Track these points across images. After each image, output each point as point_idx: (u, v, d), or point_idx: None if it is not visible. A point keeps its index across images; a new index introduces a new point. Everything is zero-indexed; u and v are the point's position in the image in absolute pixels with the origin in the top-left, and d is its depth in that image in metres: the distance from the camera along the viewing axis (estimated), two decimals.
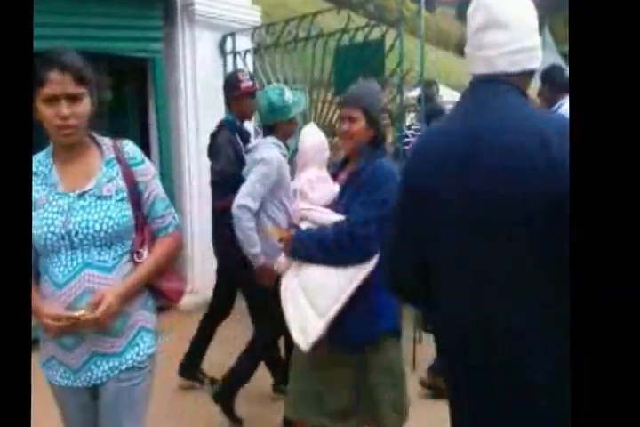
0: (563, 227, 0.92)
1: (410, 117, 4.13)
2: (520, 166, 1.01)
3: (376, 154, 1.80)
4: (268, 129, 2.43)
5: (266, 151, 2.32)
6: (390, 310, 1.80)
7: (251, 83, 2.63)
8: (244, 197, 2.24)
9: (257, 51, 4.12)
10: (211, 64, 4.03)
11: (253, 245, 2.27)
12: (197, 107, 3.95)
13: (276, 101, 2.34)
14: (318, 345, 1.73)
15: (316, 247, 1.74)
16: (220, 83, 2.87)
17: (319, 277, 1.75)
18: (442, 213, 1.11)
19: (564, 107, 3.61)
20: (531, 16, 1.18)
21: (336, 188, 1.85)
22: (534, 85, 2.47)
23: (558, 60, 19.58)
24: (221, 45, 4.08)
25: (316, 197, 1.85)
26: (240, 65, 4.01)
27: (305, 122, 3.79)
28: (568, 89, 3.57)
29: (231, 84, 2.62)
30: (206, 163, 2.75)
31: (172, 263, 1.55)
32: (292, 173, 2.26)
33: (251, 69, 4.15)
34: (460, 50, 27.42)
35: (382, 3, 9.51)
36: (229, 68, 4.01)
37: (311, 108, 3.74)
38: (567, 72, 3.88)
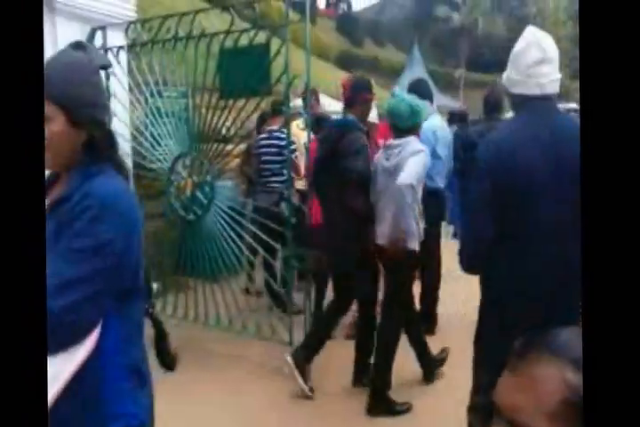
0: None
1: (296, 124, 4.09)
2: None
3: (90, 170, 1.11)
4: (404, 131, 2.76)
5: (419, 146, 2.70)
6: (131, 405, 1.14)
7: None
8: (411, 178, 2.50)
9: (131, 48, 3.80)
10: None
11: (411, 221, 2.55)
12: None
13: (415, 106, 2.74)
14: None
15: None
16: None
17: None
18: (527, 182, 1.55)
19: (428, 119, 3.75)
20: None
21: None
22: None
23: (424, 74, 21.13)
24: (90, 40, 3.70)
25: None
26: (112, 62, 3.65)
27: (188, 127, 3.55)
28: (432, 99, 3.78)
29: (366, 88, 2.87)
30: None
31: None
32: None
33: (125, 67, 3.82)
34: (339, 62, 28.52)
35: (264, 9, 9.45)
36: None
37: (195, 112, 3.52)
38: (430, 85, 4.10)
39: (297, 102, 4.36)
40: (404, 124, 2.77)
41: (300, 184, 3.98)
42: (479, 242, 1.65)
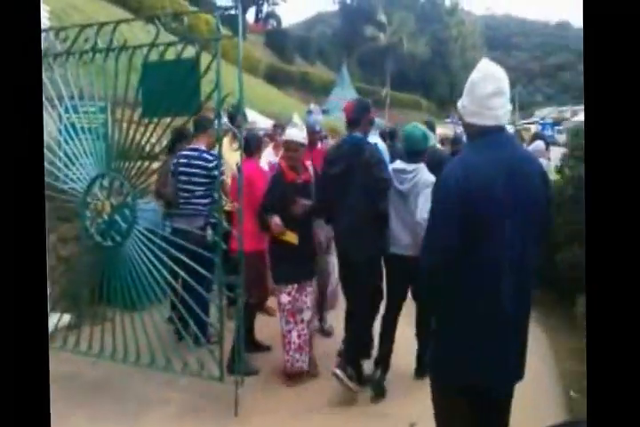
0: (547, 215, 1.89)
1: (227, 144, 3.86)
2: (534, 182, 1.80)
3: None
4: (416, 155, 3.15)
5: (431, 177, 3.01)
6: None
7: None
8: (427, 213, 2.80)
9: (43, 59, 3.46)
10: None
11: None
12: None
13: (426, 132, 3.19)
14: None
15: None
16: None
17: None
18: (492, 208, 1.73)
19: (372, 137, 3.78)
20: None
21: None
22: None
23: (355, 95, 21.63)
24: None
25: None
26: None
27: (107, 144, 3.27)
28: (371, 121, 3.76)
29: (368, 109, 3.28)
30: None
31: None
32: None
33: None
34: (268, 77, 28.52)
35: (193, 22, 9.21)
36: None
37: (114, 128, 3.24)
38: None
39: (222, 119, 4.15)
40: (417, 148, 3.16)
41: (229, 206, 3.72)
42: (445, 252, 1.77)
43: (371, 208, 3.05)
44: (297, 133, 3.34)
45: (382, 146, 3.89)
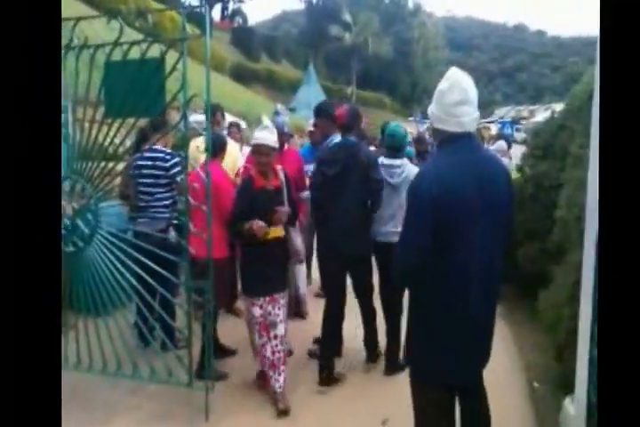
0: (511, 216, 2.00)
1: (196, 146, 3.72)
2: (500, 184, 1.92)
3: None
4: (397, 150, 3.53)
5: (415, 169, 3.36)
6: None
7: None
8: None
9: None
10: None
11: None
12: None
13: (405, 130, 3.62)
14: None
15: None
16: None
17: None
18: (463, 212, 1.82)
19: (335, 140, 3.75)
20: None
21: None
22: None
23: (321, 93, 21.60)
24: None
25: None
26: None
27: (67, 145, 3.15)
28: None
29: (359, 116, 3.51)
30: None
31: None
32: None
33: None
34: (234, 75, 28.22)
35: (158, 20, 9.01)
36: None
37: (75, 128, 3.13)
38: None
39: (198, 117, 4.03)
40: (399, 144, 3.54)
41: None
42: (421, 251, 1.84)
43: (365, 208, 3.33)
44: (268, 136, 3.03)
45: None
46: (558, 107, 5.60)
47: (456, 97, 1.85)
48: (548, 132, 5.09)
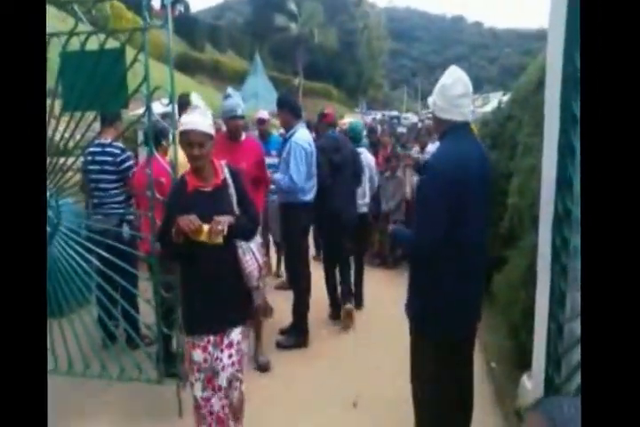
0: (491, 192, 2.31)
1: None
2: (486, 164, 2.24)
3: None
4: (357, 141, 4.88)
5: (370, 156, 5.15)
6: None
7: None
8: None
9: None
10: None
11: None
12: None
13: (363, 124, 4.98)
14: None
15: None
16: None
17: None
18: (470, 188, 2.10)
19: (298, 131, 3.80)
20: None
21: None
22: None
23: (269, 84, 21.35)
24: None
25: None
26: None
27: None
28: (300, 113, 3.84)
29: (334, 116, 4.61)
30: None
31: None
32: None
33: None
34: (179, 65, 27.34)
35: (101, 9, 8.65)
36: None
37: None
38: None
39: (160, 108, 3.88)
40: (360, 136, 5.05)
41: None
42: (437, 231, 2.06)
43: (355, 185, 4.47)
44: (199, 120, 2.24)
45: (313, 145, 3.94)
46: (495, 97, 5.88)
47: (460, 90, 2.11)
48: (495, 122, 5.31)
